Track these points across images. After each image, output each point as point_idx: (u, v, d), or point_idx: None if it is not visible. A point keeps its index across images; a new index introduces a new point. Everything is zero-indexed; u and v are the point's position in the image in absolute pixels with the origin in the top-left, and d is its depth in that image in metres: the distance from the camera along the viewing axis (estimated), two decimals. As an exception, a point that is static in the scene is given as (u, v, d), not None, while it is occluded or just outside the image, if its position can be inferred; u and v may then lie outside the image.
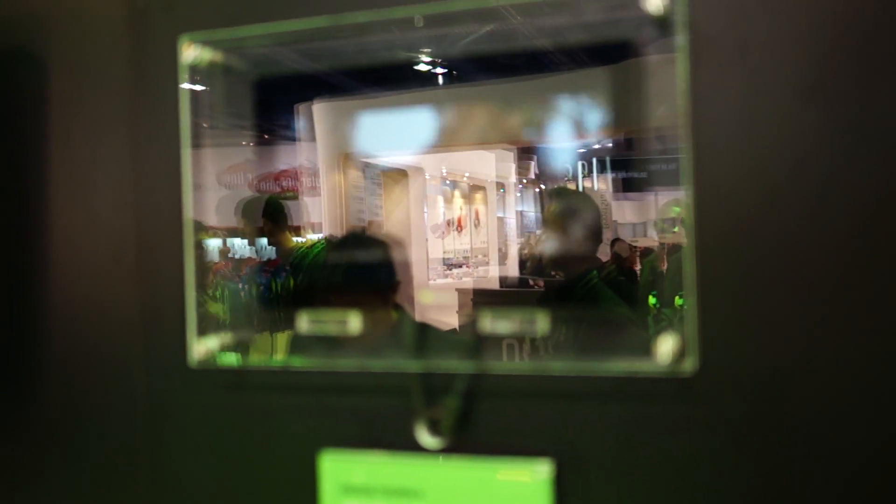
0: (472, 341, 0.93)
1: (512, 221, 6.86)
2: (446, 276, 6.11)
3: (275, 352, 1.19)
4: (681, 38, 0.84)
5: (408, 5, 0.95)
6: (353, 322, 0.97)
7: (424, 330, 1.07)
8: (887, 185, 0.81)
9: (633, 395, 0.88)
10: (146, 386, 1.06)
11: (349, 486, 0.97)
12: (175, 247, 1.02)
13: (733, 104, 0.85)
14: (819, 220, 0.82)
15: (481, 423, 0.94)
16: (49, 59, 1.11)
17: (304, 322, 0.98)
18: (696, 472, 0.87)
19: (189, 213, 1.01)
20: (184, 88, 1.01)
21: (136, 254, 1.07)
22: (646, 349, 0.86)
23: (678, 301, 0.90)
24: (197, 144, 1.02)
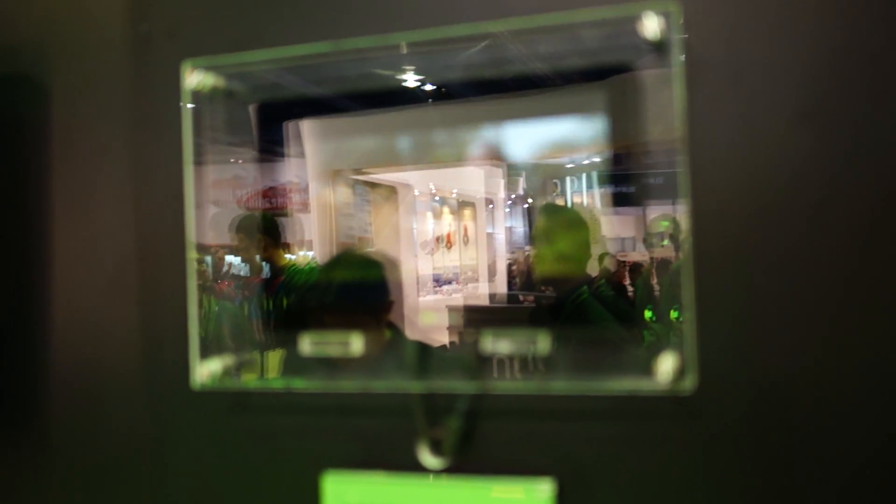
0: (473, 361, 0.94)
1: (501, 237, 6.86)
2: (436, 293, 6.10)
3: (266, 371, 1.20)
4: (677, 62, 0.86)
5: (404, 30, 0.96)
6: (355, 343, 0.98)
7: (421, 349, 1.07)
8: (880, 205, 0.83)
9: (633, 413, 0.89)
10: (149, 409, 1.07)
11: (352, 506, 0.98)
12: (177, 270, 1.03)
13: (728, 126, 0.86)
14: (814, 239, 0.84)
15: (483, 442, 0.95)
16: (52, 84, 1.12)
17: (306, 343, 0.98)
18: (696, 489, 0.88)
19: (191, 236, 1.02)
20: (187, 113, 1.02)
21: (137, 277, 1.07)
22: (645, 368, 0.87)
23: (674, 314, 0.92)
24: (198, 164, 1.03)
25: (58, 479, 1.11)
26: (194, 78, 1.01)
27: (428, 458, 0.95)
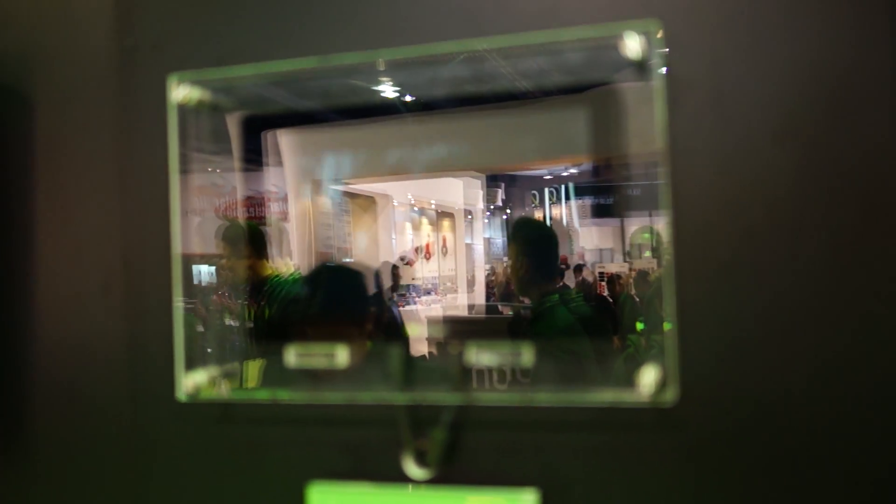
0: (457, 373, 0.95)
1: (480, 248, 6.89)
2: (415, 304, 6.11)
3: (248, 381, 1.20)
4: (658, 79, 0.88)
5: (387, 47, 0.98)
6: (340, 355, 0.99)
7: (405, 358, 1.08)
8: (856, 217, 0.85)
9: (615, 424, 0.91)
10: (133, 420, 1.07)
11: (337, 517, 0.98)
12: (163, 281, 1.03)
13: (708, 141, 0.88)
14: (793, 254, 0.86)
15: (468, 453, 0.96)
16: (36, 95, 1.12)
17: (292, 355, 0.99)
18: (677, 499, 0.89)
19: (177, 248, 1.03)
20: (173, 125, 1.03)
21: (123, 288, 1.08)
22: (627, 379, 0.89)
23: (667, 325, 0.93)
24: (182, 173, 1.04)
25: (42, 490, 1.11)
26: (180, 91, 1.02)
27: (413, 468, 0.96)
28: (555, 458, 0.93)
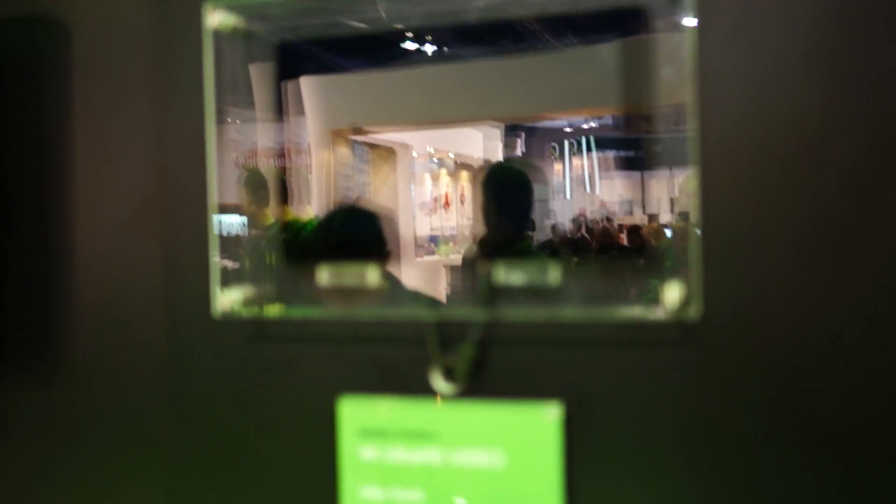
0: (485, 290, 0.98)
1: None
2: (433, 254, 6.15)
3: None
4: (690, 17, 0.89)
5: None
6: (371, 275, 1.02)
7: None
8: (880, 139, 0.86)
9: (640, 341, 0.94)
10: (170, 338, 1.11)
11: (367, 429, 1.02)
12: (199, 201, 1.06)
13: (738, 69, 0.90)
14: (817, 171, 0.88)
15: (494, 369, 0.99)
16: (73, 24, 1.14)
17: (324, 274, 1.02)
18: (699, 413, 0.92)
19: (213, 167, 1.06)
20: (209, 52, 1.05)
21: (159, 210, 1.11)
22: (652, 296, 0.91)
23: (694, 233, 0.94)
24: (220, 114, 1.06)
25: (80, 408, 1.15)
26: (215, 17, 1.04)
27: (441, 384, 0.99)
28: (578, 374, 0.96)
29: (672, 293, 0.90)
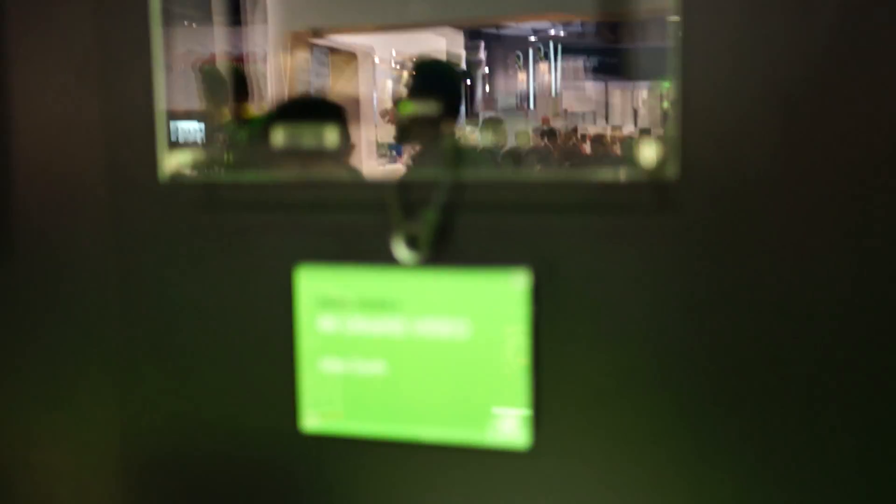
0: (451, 151, 0.92)
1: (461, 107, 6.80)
2: (395, 161, 6.06)
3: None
4: None
5: None
6: (329, 134, 0.95)
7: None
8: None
9: (613, 204, 0.89)
10: (114, 205, 1.04)
11: (326, 299, 0.97)
12: (143, 53, 0.98)
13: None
14: (802, 26, 0.82)
15: (459, 235, 0.94)
16: None
17: (279, 135, 0.96)
18: (674, 283, 0.88)
19: (157, 15, 0.97)
20: None
21: (101, 65, 1.02)
22: (629, 156, 0.86)
23: (666, 85, 0.89)
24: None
25: (23, 282, 1.09)
26: None
27: (403, 252, 0.94)
28: (548, 240, 0.91)
29: (648, 151, 0.85)
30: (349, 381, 0.97)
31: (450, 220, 0.94)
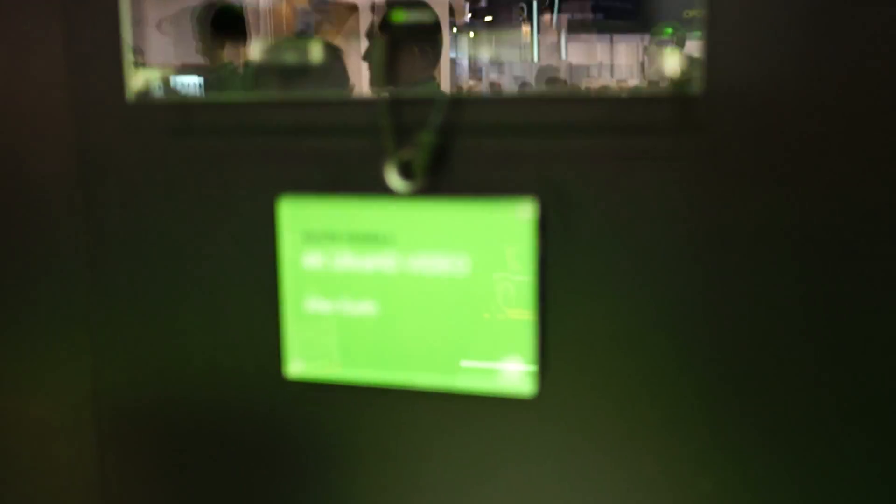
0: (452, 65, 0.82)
1: (465, 62, 6.66)
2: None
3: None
4: None
5: None
6: (314, 50, 0.86)
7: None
8: None
9: (630, 124, 0.79)
10: (78, 128, 0.94)
11: (311, 233, 0.88)
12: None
13: None
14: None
15: (458, 161, 0.85)
16: None
17: (256, 51, 0.86)
18: (697, 212, 0.79)
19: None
20: None
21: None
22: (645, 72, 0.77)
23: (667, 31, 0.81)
24: None
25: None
26: None
27: (396, 180, 0.85)
28: (556, 165, 0.82)
29: (671, 61, 0.75)
30: (337, 322, 0.89)
31: (447, 143, 0.84)
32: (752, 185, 0.77)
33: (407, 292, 0.87)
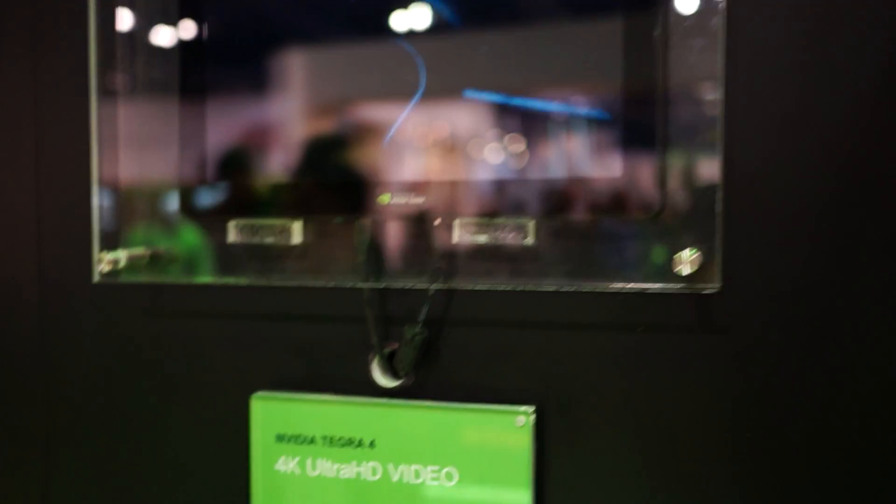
0: (438, 255, 0.75)
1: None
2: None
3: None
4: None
5: None
6: (294, 231, 0.79)
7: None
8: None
9: (641, 320, 0.70)
10: (43, 309, 0.87)
11: (285, 436, 0.79)
12: (79, 140, 0.83)
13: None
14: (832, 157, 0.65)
15: (448, 356, 0.76)
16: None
17: (232, 231, 0.79)
18: (714, 411, 0.69)
19: (95, 107, 0.82)
20: None
21: (34, 155, 0.88)
22: (656, 264, 0.68)
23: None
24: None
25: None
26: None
27: (380, 376, 0.77)
28: (558, 366, 0.73)
29: (685, 257, 0.66)
30: (311, 536, 0.78)
31: (438, 338, 0.76)
32: (773, 384, 0.67)
33: (388, 503, 0.76)
